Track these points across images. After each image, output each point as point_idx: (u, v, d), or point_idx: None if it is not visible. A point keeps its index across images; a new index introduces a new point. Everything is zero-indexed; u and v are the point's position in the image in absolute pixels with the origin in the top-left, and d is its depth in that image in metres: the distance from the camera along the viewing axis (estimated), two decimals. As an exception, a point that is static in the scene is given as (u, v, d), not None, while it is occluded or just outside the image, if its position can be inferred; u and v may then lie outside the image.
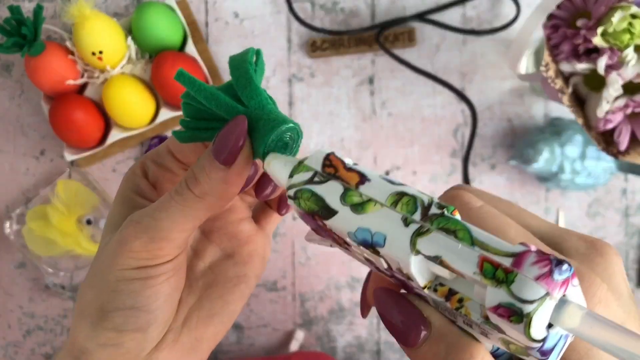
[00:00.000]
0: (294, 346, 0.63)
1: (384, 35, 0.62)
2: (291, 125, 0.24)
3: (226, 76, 0.64)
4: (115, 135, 0.61)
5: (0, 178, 0.66)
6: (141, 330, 0.24)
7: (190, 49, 0.61)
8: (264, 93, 0.24)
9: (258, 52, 0.25)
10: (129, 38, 0.60)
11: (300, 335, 0.63)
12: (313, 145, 0.64)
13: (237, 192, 0.24)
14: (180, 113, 0.62)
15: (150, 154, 0.26)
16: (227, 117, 0.24)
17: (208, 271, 0.28)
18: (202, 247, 0.28)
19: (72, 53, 0.59)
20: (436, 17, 0.63)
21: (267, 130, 0.23)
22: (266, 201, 0.30)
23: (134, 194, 0.26)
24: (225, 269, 0.28)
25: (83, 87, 0.62)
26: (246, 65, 0.24)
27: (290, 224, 0.65)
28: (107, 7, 0.64)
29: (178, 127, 0.26)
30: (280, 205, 0.29)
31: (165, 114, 0.61)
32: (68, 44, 0.59)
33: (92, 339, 0.23)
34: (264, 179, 0.27)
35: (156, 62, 0.58)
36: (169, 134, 0.64)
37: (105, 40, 0.57)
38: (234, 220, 0.29)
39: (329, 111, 0.64)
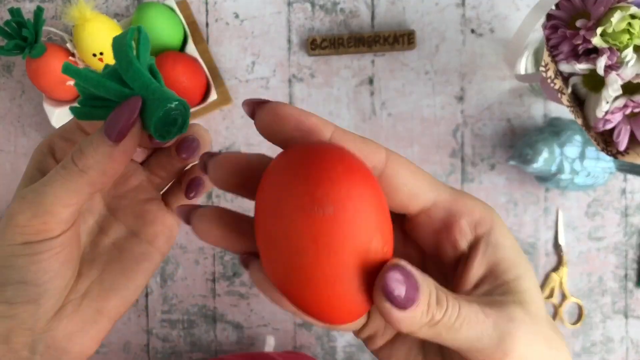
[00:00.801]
0: (267, 351, 0.63)
1: (383, 37, 0.62)
2: (176, 102, 0.24)
3: (226, 76, 0.64)
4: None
5: (1, 178, 0.66)
6: (32, 303, 0.24)
7: (191, 49, 0.61)
8: (146, 73, 0.25)
9: (139, 30, 0.26)
10: (130, 39, 0.60)
11: (271, 341, 0.63)
12: (313, 146, 0.64)
13: (120, 169, 0.25)
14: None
15: (58, 131, 0.26)
16: (117, 100, 0.25)
17: (112, 247, 0.29)
18: (108, 224, 0.29)
19: (73, 55, 0.60)
20: (435, 17, 0.63)
21: (153, 110, 0.24)
22: (175, 183, 0.31)
23: (38, 172, 0.26)
24: (129, 246, 0.28)
25: (84, 87, 0.62)
26: (125, 48, 0.24)
27: (291, 224, 0.65)
28: (107, 8, 0.64)
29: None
30: (188, 189, 0.30)
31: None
32: (69, 45, 0.60)
33: None
34: (184, 142, 0.28)
35: (157, 62, 0.58)
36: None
37: (106, 41, 0.57)
38: (141, 199, 0.30)
39: (329, 111, 0.64)
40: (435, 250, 0.24)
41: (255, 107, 0.22)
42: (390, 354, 0.24)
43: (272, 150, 0.23)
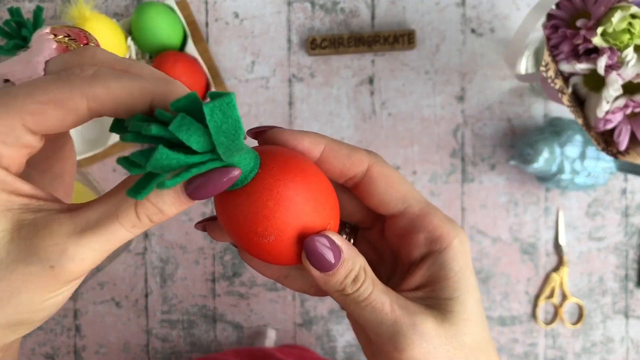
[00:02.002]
0: (268, 345, 0.63)
1: (383, 37, 0.62)
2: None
3: (226, 75, 0.64)
4: (116, 137, 0.61)
5: (1, 178, 0.66)
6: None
7: (191, 49, 0.61)
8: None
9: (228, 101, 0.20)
10: (129, 39, 0.60)
11: (272, 334, 0.64)
12: (313, 146, 0.64)
13: None
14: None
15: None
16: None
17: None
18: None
19: (73, 54, 0.60)
20: (436, 17, 0.63)
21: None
22: None
23: (5, 194, 0.20)
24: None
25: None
26: (239, 135, 0.20)
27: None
28: (107, 8, 0.64)
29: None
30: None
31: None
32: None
33: None
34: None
35: (156, 62, 0.58)
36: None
37: (105, 41, 0.57)
38: (54, 157, 0.27)
39: (329, 111, 0.64)
40: (397, 251, 0.27)
41: (257, 136, 0.25)
42: (353, 320, 0.28)
43: None
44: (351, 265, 0.24)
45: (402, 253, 0.27)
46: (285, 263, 0.24)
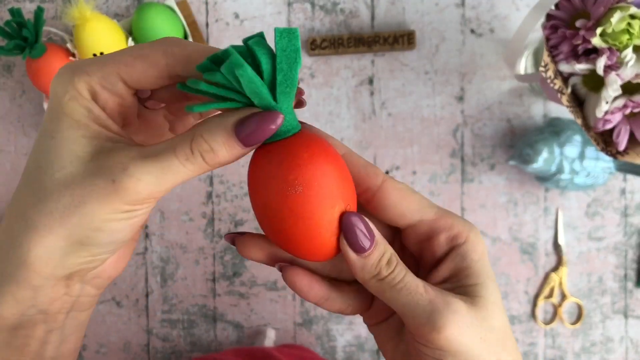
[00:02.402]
0: (267, 344, 0.63)
1: (383, 37, 0.62)
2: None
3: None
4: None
5: (1, 178, 0.66)
6: (112, 253, 0.25)
7: (191, 49, 0.61)
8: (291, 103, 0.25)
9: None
10: (130, 39, 0.60)
11: (271, 333, 0.64)
12: (313, 146, 0.64)
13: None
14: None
15: (97, 77, 0.24)
16: (252, 101, 0.24)
17: None
18: None
19: (73, 55, 0.60)
20: (435, 17, 0.63)
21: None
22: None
23: (89, 120, 0.24)
24: None
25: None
26: (296, 64, 0.23)
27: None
28: (107, 9, 0.64)
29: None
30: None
31: (166, 114, 0.61)
32: (69, 45, 0.60)
33: (62, 266, 0.23)
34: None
35: (157, 63, 0.58)
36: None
37: (106, 41, 0.57)
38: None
39: (329, 111, 0.64)
40: (419, 256, 0.29)
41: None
42: (380, 330, 0.30)
43: None
44: (383, 247, 0.26)
45: (425, 256, 0.28)
46: (315, 239, 0.25)
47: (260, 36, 0.23)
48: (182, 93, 0.27)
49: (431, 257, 0.28)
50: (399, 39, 0.62)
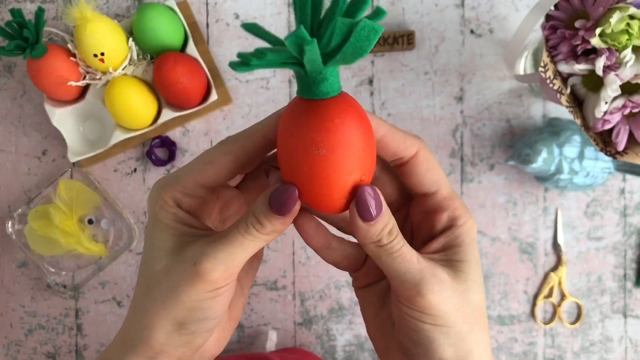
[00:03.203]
0: (269, 346, 0.63)
1: (383, 38, 0.62)
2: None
3: (226, 76, 0.64)
4: (117, 136, 0.62)
5: (2, 178, 0.66)
6: (210, 331, 0.30)
7: (191, 49, 0.61)
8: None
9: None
10: (131, 39, 0.60)
11: (273, 335, 0.64)
12: (313, 146, 0.64)
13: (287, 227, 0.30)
14: (181, 113, 0.62)
15: (178, 188, 0.30)
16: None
17: None
18: None
19: (74, 55, 0.60)
20: (435, 18, 0.63)
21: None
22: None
23: (175, 222, 0.30)
24: None
25: (85, 89, 0.62)
26: (314, 52, 0.23)
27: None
28: (108, 9, 0.65)
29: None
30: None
31: (167, 114, 0.62)
32: (70, 46, 0.60)
33: (170, 344, 0.29)
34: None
35: (157, 63, 0.58)
36: (170, 134, 0.65)
37: (106, 42, 0.57)
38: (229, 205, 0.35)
39: (329, 112, 0.64)
40: (419, 224, 0.32)
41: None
42: (366, 293, 0.33)
43: None
44: (388, 219, 0.28)
45: (424, 226, 0.32)
46: (326, 195, 0.27)
47: (363, 4, 0.24)
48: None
49: (429, 228, 0.31)
50: (399, 40, 0.62)
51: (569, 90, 0.49)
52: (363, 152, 0.26)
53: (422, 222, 0.32)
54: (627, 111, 0.47)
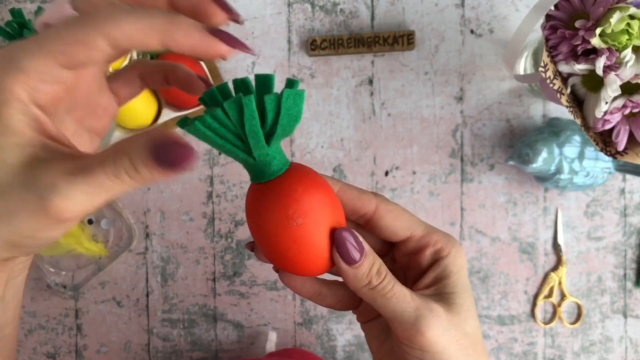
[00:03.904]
0: (269, 347, 0.63)
1: (383, 38, 0.62)
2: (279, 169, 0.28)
3: (227, 76, 0.64)
4: (118, 137, 0.62)
5: (2, 178, 0.66)
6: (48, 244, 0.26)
7: (191, 50, 0.61)
8: (266, 149, 0.26)
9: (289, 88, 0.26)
10: (130, 39, 0.60)
11: (273, 336, 0.64)
12: (313, 145, 0.64)
13: None
14: (181, 114, 0.62)
15: (35, 74, 0.22)
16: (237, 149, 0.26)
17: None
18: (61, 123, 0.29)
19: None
20: (435, 18, 0.63)
21: (252, 168, 0.27)
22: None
23: (25, 126, 0.23)
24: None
25: (84, 88, 0.62)
26: (255, 123, 0.25)
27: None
28: (108, 9, 0.65)
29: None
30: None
31: (168, 114, 0.62)
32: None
33: None
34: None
35: (157, 63, 0.58)
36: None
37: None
38: (92, 98, 0.29)
39: (329, 111, 0.64)
40: (407, 266, 0.33)
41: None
42: (370, 327, 0.34)
43: None
44: (372, 259, 0.29)
45: (412, 266, 0.32)
46: (313, 260, 0.28)
47: (270, 81, 0.25)
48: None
49: (417, 267, 0.32)
50: (399, 40, 0.62)
51: (569, 90, 0.49)
52: (331, 205, 0.28)
53: (409, 263, 0.32)
54: (627, 111, 0.47)
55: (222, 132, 0.25)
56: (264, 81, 0.25)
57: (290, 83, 0.26)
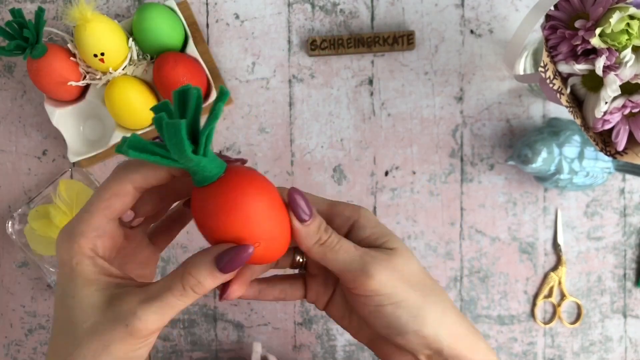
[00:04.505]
0: (254, 358, 0.62)
1: (383, 38, 0.62)
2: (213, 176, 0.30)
3: (227, 76, 0.65)
4: (117, 136, 0.62)
5: (2, 178, 0.66)
6: None
7: (192, 50, 0.61)
8: (192, 157, 0.28)
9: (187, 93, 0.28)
10: (131, 39, 0.61)
11: (258, 347, 0.63)
12: (313, 146, 0.65)
13: None
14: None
15: (91, 233, 0.30)
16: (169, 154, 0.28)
17: None
18: None
19: (74, 55, 0.60)
20: (435, 18, 0.63)
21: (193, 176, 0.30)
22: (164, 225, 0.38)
23: (97, 274, 0.30)
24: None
25: (85, 89, 0.62)
26: (181, 142, 0.27)
27: (291, 224, 0.65)
28: (108, 9, 0.65)
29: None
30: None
31: (167, 114, 0.62)
32: (70, 46, 0.60)
33: None
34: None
35: (157, 63, 0.58)
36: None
37: (106, 42, 0.57)
38: (138, 253, 0.36)
39: (328, 112, 0.64)
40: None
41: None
42: (331, 309, 0.37)
43: (272, 151, 0.26)
44: (319, 219, 0.33)
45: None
46: (272, 243, 0.30)
47: (189, 95, 0.28)
48: (158, 204, 0.34)
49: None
50: (399, 40, 0.62)
51: (568, 90, 0.49)
52: (273, 200, 0.31)
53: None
54: (627, 111, 0.47)
55: (151, 149, 0.28)
56: (184, 97, 0.28)
57: (222, 93, 0.28)
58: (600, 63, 0.45)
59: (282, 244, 0.31)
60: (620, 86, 0.46)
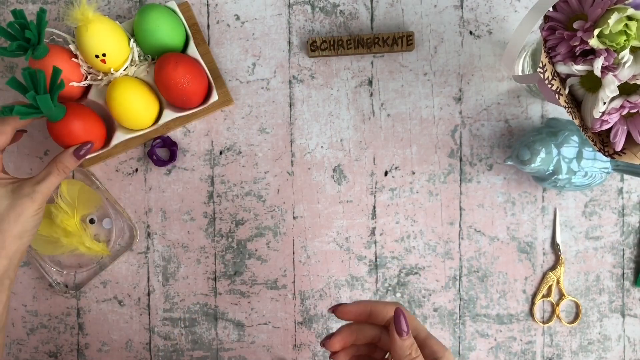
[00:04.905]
0: None
1: (382, 39, 0.63)
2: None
3: (227, 77, 0.65)
4: (119, 137, 0.62)
5: (4, 178, 0.67)
6: (33, 235, 0.56)
7: (192, 50, 0.61)
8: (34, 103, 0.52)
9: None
10: (132, 40, 0.61)
11: None
12: (313, 146, 0.65)
13: None
14: (182, 114, 0.62)
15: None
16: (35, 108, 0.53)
17: None
18: None
19: (76, 56, 0.60)
20: (434, 19, 0.63)
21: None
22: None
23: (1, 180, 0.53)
24: None
25: (87, 89, 0.62)
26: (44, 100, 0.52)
27: (290, 223, 0.66)
28: (109, 10, 0.65)
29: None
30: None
31: (169, 114, 0.62)
32: (71, 47, 0.60)
33: (18, 251, 0.53)
34: None
35: (159, 64, 0.59)
36: (171, 134, 0.65)
37: (108, 42, 0.58)
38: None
39: (328, 112, 0.65)
40: None
41: (334, 310, 0.44)
42: None
43: (272, 151, 0.25)
44: (412, 339, 0.39)
45: None
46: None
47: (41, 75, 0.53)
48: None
49: None
50: (398, 41, 0.63)
51: (567, 91, 0.49)
52: (91, 119, 0.59)
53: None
54: (625, 111, 0.47)
55: (25, 110, 0.52)
56: (32, 77, 0.52)
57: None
58: (598, 64, 0.45)
59: (101, 142, 0.59)
60: (619, 87, 0.46)
